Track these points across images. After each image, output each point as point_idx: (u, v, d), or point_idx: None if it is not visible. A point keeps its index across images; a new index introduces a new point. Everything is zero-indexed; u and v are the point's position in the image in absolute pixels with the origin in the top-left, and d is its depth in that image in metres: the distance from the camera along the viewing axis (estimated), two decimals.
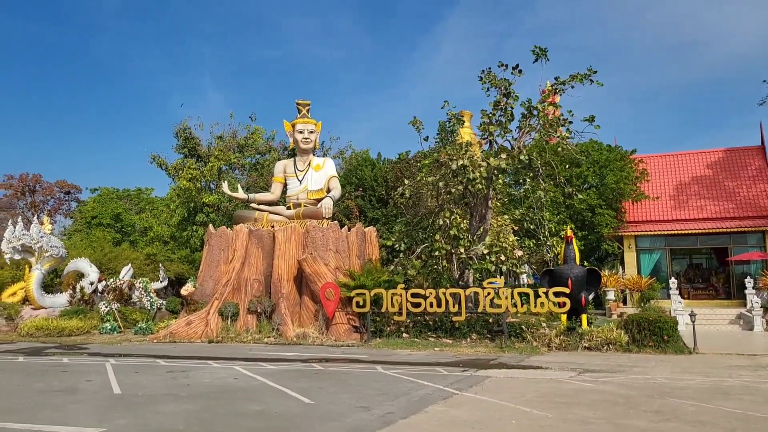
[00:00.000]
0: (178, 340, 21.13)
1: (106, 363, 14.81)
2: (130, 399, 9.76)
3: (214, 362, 15.01)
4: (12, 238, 25.81)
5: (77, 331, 23.18)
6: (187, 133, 30.51)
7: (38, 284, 26.12)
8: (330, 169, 26.17)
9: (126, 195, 56.77)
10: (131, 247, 45.10)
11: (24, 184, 51.91)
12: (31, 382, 11.55)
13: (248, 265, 22.94)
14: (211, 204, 29.97)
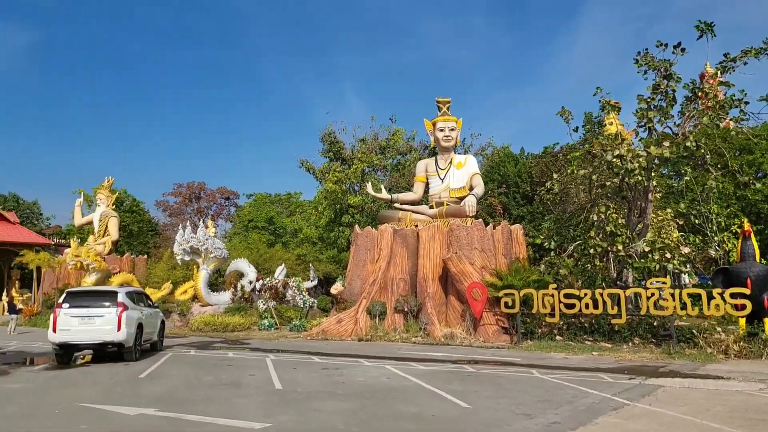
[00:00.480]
0: (329, 337, 21.79)
1: (266, 358, 15.55)
2: (290, 395, 10.01)
3: (365, 361, 15.15)
4: (182, 240, 28.35)
5: (239, 327, 24.85)
6: (332, 137, 31.61)
7: (205, 283, 28.42)
8: (472, 167, 25.60)
9: (278, 199, 60.48)
10: (283, 248, 47.85)
11: (191, 191, 57.32)
12: (202, 375, 12.35)
13: (394, 265, 23.08)
14: (355, 205, 30.76)
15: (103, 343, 14.25)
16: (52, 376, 12.38)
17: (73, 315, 14.14)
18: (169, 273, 38.65)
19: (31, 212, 63.48)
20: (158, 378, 11.96)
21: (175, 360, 15.18)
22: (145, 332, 15.74)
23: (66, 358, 14.54)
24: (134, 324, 14.83)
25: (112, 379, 11.77)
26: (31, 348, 18.92)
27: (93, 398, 9.60)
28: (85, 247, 33.24)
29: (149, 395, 9.93)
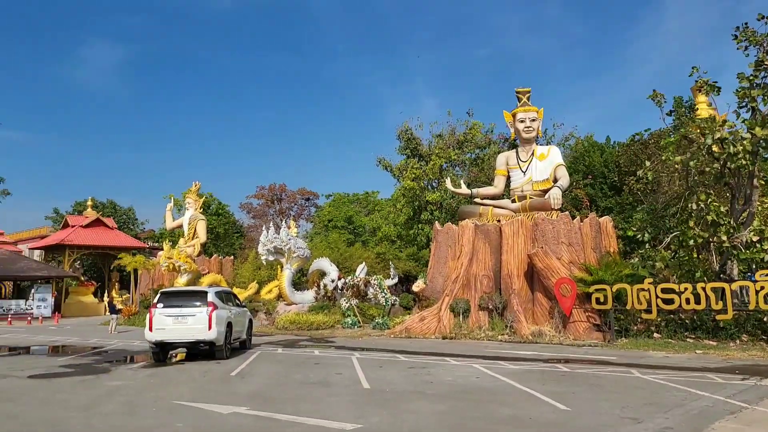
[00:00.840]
0: (412, 335, 21.57)
1: (351, 356, 15.51)
2: (379, 395, 9.82)
3: (451, 359, 14.78)
4: (266, 241, 28.98)
5: (323, 325, 25.10)
6: (409, 134, 31.36)
7: (289, 282, 28.94)
8: (556, 158, 24.59)
9: (356, 199, 61.02)
10: (363, 246, 48.15)
11: (272, 193, 58.84)
12: (290, 374, 12.42)
13: (476, 261, 22.54)
14: (434, 202, 30.40)
15: (195, 341, 14.69)
16: (149, 373, 12.85)
17: (167, 314, 14.65)
18: (254, 273, 39.77)
19: (127, 218, 67.36)
20: (249, 376, 12.13)
21: (264, 358, 15.43)
22: (234, 331, 16.10)
23: (162, 356, 15.09)
24: (224, 323, 15.19)
25: (205, 377, 12.05)
26: (131, 346, 19.86)
27: (188, 396, 9.81)
28: (176, 250, 34.73)
29: (241, 393, 10.04)
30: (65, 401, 9.46)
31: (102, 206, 63.91)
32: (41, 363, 15.06)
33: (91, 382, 11.59)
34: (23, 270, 44.48)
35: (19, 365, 14.59)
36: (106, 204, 66.30)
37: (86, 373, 12.96)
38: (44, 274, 45.37)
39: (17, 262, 45.11)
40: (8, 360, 16.03)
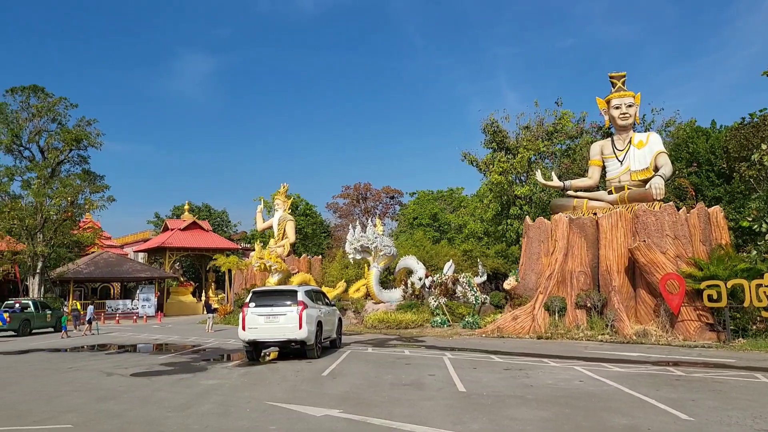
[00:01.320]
0: (505, 335, 20.76)
1: (443, 356, 15.02)
2: (476, 399, 9.27)
3: (550, 361, 13.95)
4: (353, 240, 29.01)
5: (412, 324, 24.74)
6: (494, 127, 30.35)
7: (376, 281, 28.82)
8: (656, 145, 22.86)
9: (440, 196, 60.37)
10: (449, 244, 47.47)
11: (358, 192, 59.27)
12: (382, 374, 12.11)
13: (571, 257, 21.38)
14: (523, 196, 29.26)
15: (286, 340, 14.72)
16: (244, 372, 12.96)
17: (259, 314, 14.78)
18: (342, 272, 40.11)
19: (221, 220, 70.31)
20: (340, 376, 11.93)
21: (354, 358, 15.25)
22: (324, 330, 16.04)
23: (255, 355, 15.26)
24: (314, 322, 15.14)
25: (297, 377, 11.96)
26: (226, 345, 20.37)
27: (281, 397, 9.70)
28: (267, 250, 35.55)
29: (333, 395, 9.81)
30: (163, 400, 9.60)
31: (198, 210, 67.00)
32: (144, 361, 15.65)
33: (188, 380, 11.80)
34: (129, 272, 47.34)
35: (124, 363, 15.23)
36: (201, 207, 69.47)
37: (184, 371, 13.27)
38: (147, 275, 48.05)
39: (123, 265, 48.07)
40: (115, 358, 16.80)
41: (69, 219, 40.76)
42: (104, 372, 13.38)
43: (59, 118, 39.89)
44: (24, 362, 15.98)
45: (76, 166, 40.99)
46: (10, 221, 37.79)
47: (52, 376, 12.94)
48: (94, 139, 40.35)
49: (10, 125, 37.71)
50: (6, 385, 11.56)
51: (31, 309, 28.81)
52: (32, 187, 37.95)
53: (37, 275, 38.50)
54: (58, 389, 10.96)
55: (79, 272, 44.22)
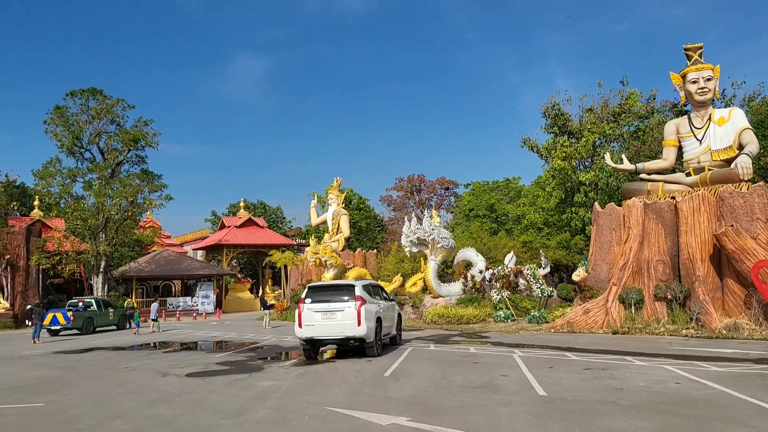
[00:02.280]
0: (576, 329, 19.37)
1: (512, 354, 13.90)
2: (561, 405, 8.16)
3: (634, 359, 12.61)
4: (409, 232, 28.07)
5: (474, 319, 23.61)
6: (556, 110, 28.69)
7: (434, 274, 27.80)
8: (740, 121, 20.88)
9: (496, 186, 58.62)
10: (507, 235, 45.87)
11: (411, 184, 58.13)
12: (449, 375, 11.12)
13: (648, 245, 19.75)
14: (588, 182, 27.58)
15: (345, 338, 13.93)
16: (301, 372, 12.23)
17: (315, 310, 14.04)
18: (398, 266, 39.28)
19: (275, 217, 70.76)
20: (404, 377, 11.01)
21: (416, 356, 14.32)
22: (383, 326, 15.18)
23: (313, 353, 14.54)
24: (373, 318, 14.30)
25: (358, 378, 11.12)
26: (283, 342, 19.84)
27: (341, 401, 8.86)
28: (322, 245, 35.12)
29: (399, 399, 8.90)
30: (217, 405, 8.93)
31: (253, 207, 67.59)
32: (200, 360, 15.20)
33: (244, 381, 11.15)
34: (188, 269, 47.99)
35: (180, 362, 14.81)
36: (256, 204, 70.09)
37: (240, 371, 12.67)
38: (206, 272, 48.59)
39: (183, 262, 48.77)
40: (172, 357, 16.46)
41: (130, 218, 41.52)
42: (159, 372, 12.94)
43: (117, 120, 40.62)
44: (84, 362, 15.82)
45: (135, 166, 41.69)
46: (74, 221, 38.75)
47: (107, 376, 12.58)
48: (151, 139, 40.90)
49: (71, 128, 38.61)
50: (63, 387, 11.22)
51: (94, 307, 29.25)
52: (93, 188, 38.77)
53: (101, 274, 39.34)
54: (111, 391, 10.50)
55: (141, 270, 45.09)
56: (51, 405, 9.31)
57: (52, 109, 38.75)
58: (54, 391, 10.77)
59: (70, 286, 46.15)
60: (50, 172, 38.08)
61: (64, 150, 38.96)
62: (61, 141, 38.46)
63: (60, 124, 38.59)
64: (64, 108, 38.90)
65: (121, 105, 40.53)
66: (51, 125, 38.60)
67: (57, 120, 38.61)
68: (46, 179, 38.05)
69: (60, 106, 38.79)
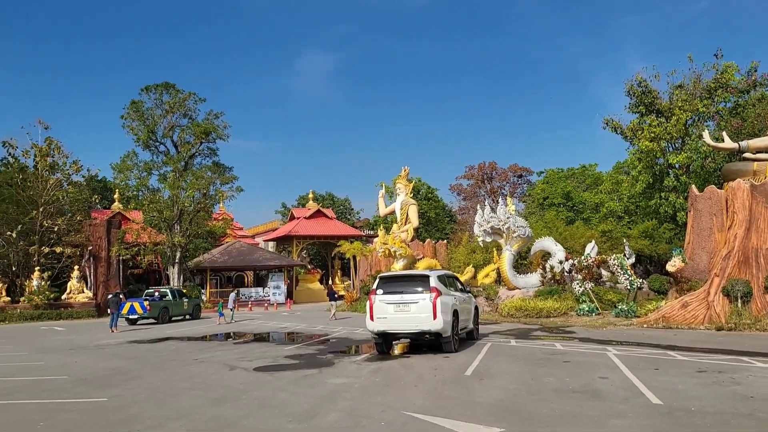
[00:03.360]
0: (672, 325, 17.57)
1: (606, 352, 12.50)
2: (685, 417, 6.84)
3: (753, 360, 10.95)
4: (482, 221, 26.70)
5: (554, 313, 22.08)
6: (643, 87, 26.42)
7: (510, 265, 26.34)
8: None
9: (571, 174, 55.97)
10: (584, 225, 43.51)
11: (482, 172, 56.17)
12: (540, 375, 9.92)
13: (756, 232, 17.65)
14: (679, 164, 25.29)
15: (419, 332, 12.94)
16: (374, 369, 11.35)
17: (387, 302, 13.12)
18: (469, 257, 37.95)
19: (344, 208, 70.70)
20: (488, 377, 9.91)
21: (497, 352, 13.16)
22: (460, 320, 14.08)
23: (386, 347, 13.67)
24: (450, 311, 13.23)
25: (436, 377, 10.11)
26: (354, 334, 19.11)
27: (421, 405, 7.89)
28: (391, 235, 34.26)
29: (486, 405, 7.82)
30: (284, 405, 8.16)
31: (321, 198, 67.75)
32: (269, 352, 14.64)
33: (313, 378, 10.38)
34: (259, 260, 48.45)
35: (249, 354, 14.31)
36: (324, 196, 70.25)
37: (310, 366, 11.95)
38: (277, 263, 48.92)
39: (254, 253, 49.30)
40: (242, 348, 16.04)
41: (203, 210, 42.24)
42: (227, 365, 12.42)
43: (190, 113, 41.28)
44: (154, 352, 15.64)
45: (207, 158, 42.29)
46: (150, 213, 39.76)
47: (175, 369, 12.17)
48: (222, 131, 41.32)
49: (146, 122, 39.51)
50: (128, 380, 10.84)
51: (169, 297, 29.67)
52: (168, 180, 39.57)
53: (176, 265, 40.19)
54: (176, 386, 9.99)
55: (215, 261, 45.86)
56: (113, 401, 8.84)
57: (129, 104, 39.80)
58: (119, 384, 10.38)
59: (149, 277, 47.63)
60: (127, 165, 39.14)
61: (140, 144, 39.96)
62: (137, 135, 39.45)
63: (136, 118, 39.58)
64: (139, 103, 39.86)
65: (193, 98, 41.16)
66: (128, 120, 39.67)
67: (133, 115, 39.63)
68: (123, 172, 39.15)
69: (135, 101, 39.77)
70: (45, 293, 34.29)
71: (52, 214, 36.87)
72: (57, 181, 37.90)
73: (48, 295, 34.43)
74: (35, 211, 35.67)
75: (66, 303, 35.47)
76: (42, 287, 34.36)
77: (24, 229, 35.86)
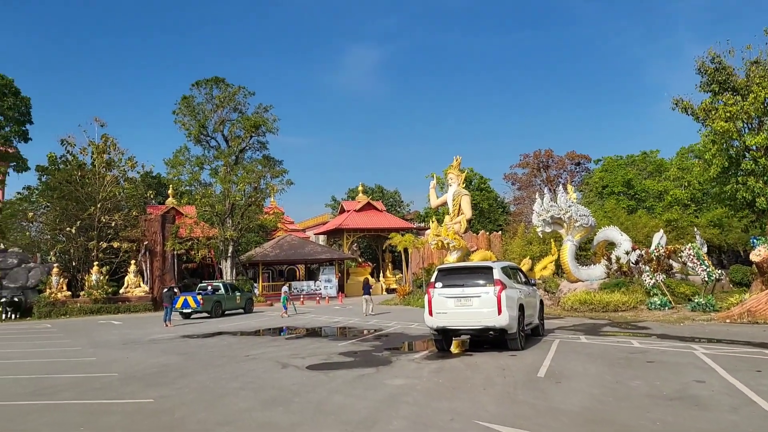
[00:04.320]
0: (760, 320, 15.99)
1: (692, 351, 11.23)
2: None
3: None
4: (541, 210, 25.41)
5: (623, 306, 20.67)
6: (716, 63, 24.47)
7: (572, 256, 24.98)
8: None
9: (631, 161, 53.49)
10: (647, 214, 41.37)
11: (538, 160, 54.13)
12: (623, 378, 8.83)
13: None
14: (757, 146, 23.28)
15: (483, 328, 11.98)
16: (435, 368, 10.48)
17: (447, 296, 12.21)
18: (525, 248, 36.58)
19: (393, 200, 69.95)
20: (564, 379, 8.90)
21: (568, 350, 12.07)
22: (526, 315, 13.05)
23: (446, 345, 12.78)
24: (515, 305, 12.24)
25: (506, 378, 9.17)
26: (409, 329, 18.33)
27: (494, 412, 6.98)
28: (444, 227, 33.25)
29: (571, 413, 6.83)
30: (341, 410, 7.40)
31: (371, 191, 67.18)
32: (322, 349, 13.98)
33: (370, 378, 9.61)
34: (310, 253, 48.26)
35: (302, 350, 13.70)
36: (374, 189, 69.67)
37: (366, 364, 11.19)
38: (327, 256, 48.62)
39: (305, 247, 49.16)
40: (294, 344, 15.46)
41: (254, 204, 42.29)
42: (279, 363, 11.80)
43: (240, 107, 41.32)
44: (206, 348, 15.24)
45: (257, 152, 42.29)
46: (202, 208, 40.02)
47: (226, 366, 11.63)
48: (271, 124, 41.20)
49: (197, 117, 39.74)
50: (178, 378, 10.34)
51: (222, 291, 29.61)
52: (219, 174, 39.73)
53: (229, 259, 40.38)
54: (225, 386, 9.39)
55: (266, 255, 45.93)
56: (160, 402, 8.29)
57: (180, 100, 40.10)
58: (168, 383, 9.88)
59: (203, 271, 48.17)
60: (180, 160, 39.49)
61: (192, 139, 40.25)
62: (188, 130, 39.75)
63: (187, 114, 39.87)
64: (190, 98, 40.12)
65: (243, 92, 41.17)
66: (179, 115, 40.00)
67: (184, 110, 39.93)
68: (176, 167, 39.52)
69: (186, 96, 40.06)
70: (103, 287, 34.93)
71: (109, 210, 37.55)
72: (113, 178, 38.58)
73: (106, 290, 35.06)
74: (93, 207, 36.37)
75: (123, 297, 36.08)
76: (100, 281, 35.01)
77: (83, 225, 36.64)
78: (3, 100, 36.89)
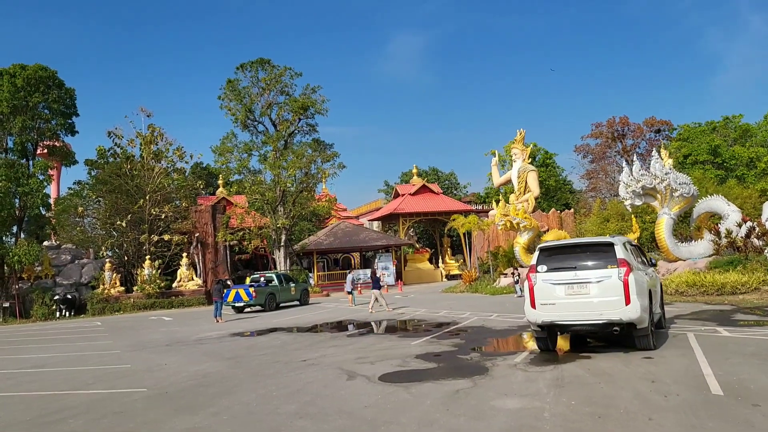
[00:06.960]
0: None
1: None
2: None
3: None
4: (630, 181, 22.12)
5: (742, 288, 17.37)
6: None
7: (669, 231, 21.68)
8: None
9: (713, 128, 48.70)
10: (739, 183, 37.16)
11: (612, 129, 49.51)
12: None
13: None
14: None
15: (606, 323, 9.15)
16: (552, 379, 7.80)
17: (555, 281, 9.47)
18: (601, 226, 33.24)
19: (449, 183, 66.95)
20: (761, 399, 6.09)
21: (716, 349, 9.16)
22: (654, 304, 10.19)
23: (551, 343, 10.06)
24: (645, 293, 9.39)
25: (668, 398, 6.44)
26: (488, 321, 15.65)
27: None
28: (512, 206, 30.31)
29: None
30: None
31: (425, 174, 64.38)
32: (393, 350, 11.51)
33: (470, 397, 7.05)
34: (365, 240, 46.01)
35: (369, 352, 11.28)
36: (428, 171, 66.85)
37: (455, 373, 8.63)
38: (384, 243, 46.27)
39: (360, 234, 46.94)
40: (358, 343, 13.07)
41: (305, 190, 40.33)
42: (343, 371, 9.40)
43: (286, 90, 39.32)
44: (256, 350, 13.06)
45: (306, 135, 40.27)
46: (252, 196, 38.30)
47: (277, 376, 9.33)
48: (320, 105, 39.02)
49: (243, 101, 37.95)
50: (217, 397, 8.08)
51: (276, 282, 27.69)
52: (268, 160, 37.88)
53: (282, 248, 38.60)
54: (277, 410, 7.05)
55: (320, 243, 43.97)
56: None
57: (225, 84, 38.40)
58: (204, 405, 7.62)
59: (256, 262, 46.69)
60: (227, 147, 37.86)
61: (239, 124, 38.54)
62: (234, 115, 38.04)
63: (233, 98, 38.15)
64: (235, 81, 38.35)
65: (289, 73, 39.13)
66: (225, 100, 38.34)
67: (230, 94, 38.21)
68: (224, 155, 37.93)
69: (231, 80, 38.29)
70: (156, 282, 33.75)
71: (159, 202, 36.32)
72: (162, 169, 37.30)
73: (159, 284, 33.87)
74: (142, 199, 35.18)
75: (177, 291, 34.84)
76: (153, 276, 33.83)
77: (134, 218, 35.54)
78: (48, 92, 36.02)
